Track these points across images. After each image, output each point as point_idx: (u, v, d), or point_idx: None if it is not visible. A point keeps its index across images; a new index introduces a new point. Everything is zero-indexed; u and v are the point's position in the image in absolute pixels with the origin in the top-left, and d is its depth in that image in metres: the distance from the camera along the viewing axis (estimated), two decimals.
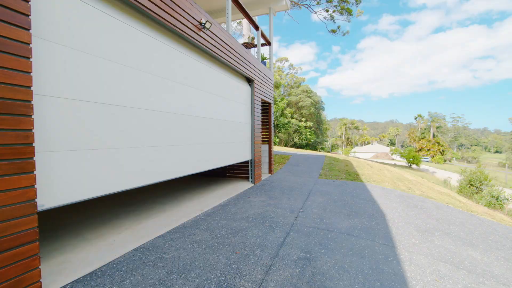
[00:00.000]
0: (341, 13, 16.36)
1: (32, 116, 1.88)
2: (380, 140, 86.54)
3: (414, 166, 29.12)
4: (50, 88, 2.12)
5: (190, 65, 4.13)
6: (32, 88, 1.89)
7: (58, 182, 2.19)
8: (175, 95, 3.75)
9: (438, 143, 53.81)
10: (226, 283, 2.21)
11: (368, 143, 72.99)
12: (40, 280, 1.95)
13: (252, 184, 6.53)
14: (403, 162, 32.52)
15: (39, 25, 2.03)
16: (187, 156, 4.03)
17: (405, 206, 4.93)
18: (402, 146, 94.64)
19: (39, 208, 1.99)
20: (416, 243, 3.21)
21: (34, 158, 1.89)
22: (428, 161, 49.87)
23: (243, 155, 6.30)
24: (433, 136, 61.48)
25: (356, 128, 74.68)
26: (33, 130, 1.89)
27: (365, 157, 49.60)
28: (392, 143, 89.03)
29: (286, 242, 3.06)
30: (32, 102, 1.88)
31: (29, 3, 1.88)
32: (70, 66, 2.30)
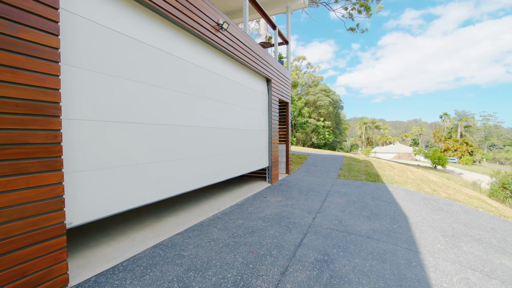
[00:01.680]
0: (360, 12, 15.87)
1: (60, 117, 1.98)
2: (403, 140, 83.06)
3: (439, 167, 27.66)
4: (74, 111, 2.26)
5: (207, 76, 4.20)
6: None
7: (84, 200, 2.34)
8: (191, 108, 3.83)
9: (466, 143, 50.73)
10: (242, 283, 2.21)
11: (390, 143, 70.25)
12: (67, 272, 2.06)
13: (269, 184, 6.51)
14: (427, 163, 30.95)
15: (63, 53, 2.15)
16: (204, 168, 4.14)
17: (430, 209, 4.69)
18: (426, 146, 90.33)
19: (68, 226, 2.14)
20: (442, 249, 3.04)
21: (62, 157, 2.00)
22: (455, 162, 47.19)
23: (260, 162, 6.31)
24: (461, 135, 58.07)
25: (377, 127, 72.13)
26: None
27: (387, 157, 47.83)
28: (415, 143, 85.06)
29: (303, 243, 3.02)
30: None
31: (58, 10, 1.99)
32: (90, 89, 2.41)
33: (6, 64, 1.68)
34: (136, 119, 2.90)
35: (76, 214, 2.26)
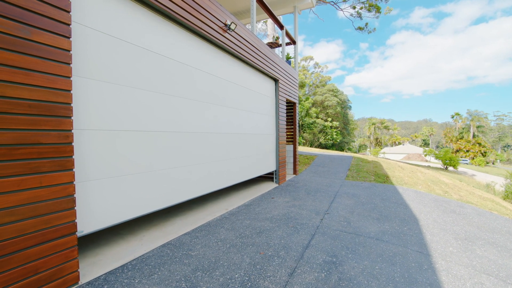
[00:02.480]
0: (369, 10, 15.66)
1: (72, 118, 2.02)
2: (412, 140, 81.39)
3: (451, 168, 26.98)
4: (86, 122, 2.31)
5: (215, 82, 4.24)
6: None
7: (96, 208, 2.39)
8: (200, 115, 3.87)
9: (479, 144, 49.34)
10: (250, 283, 2.20)
11: (399, 143, 69.00)
12: (78, 270, 2.09)
13: (277, 185, 6.49)
14: (438, 164, 30.25)
15: (75, 65, 2.20)
16: (212, 174, 4.17)
17: (441, 211, 4.58)
18: (437, 147, 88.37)
19: (79, 234, 2.19)
20: (454, 252, 2.96)
21: (73, 157, 2.04)
22: (467, 163, 45.98)
23: (267, 166, 6.30)
24: (473, 136, 56.57)
25: (386, 127, 70.99)
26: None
27: (396, 158, 47.02)
28: (425, 144, 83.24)
29: (311, 245, 2.99)
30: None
31: (70, 13, 2.03)
32: (100, 98, 2.45)
33: (20, 66, 1.72)
34: (147, 127, 2.96)
35: (88, 222, 2.31)
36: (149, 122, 3.00)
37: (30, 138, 1.78)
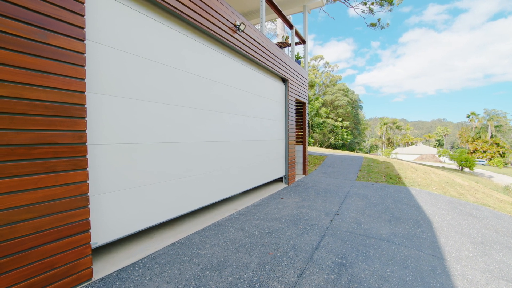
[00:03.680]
0: (381, 5, 15.35)
1: (85, 118, 2.08)
2: (426, 140, 79.11)
3: (466, 169, 26.08)
4: (100, 135, 2.38)
5: (226, 91, 4.28)
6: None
7: (109, 220, 2.47)
8: (210, 123, 3.92)
9: (497, 144, 47.45)
10: (258, 284, 2.20)
11: (412, 143, 67.24)
12: (92, 266, 2.15)
13: (286, 185, 6.46)
14: (453, 165, 29.29)
15: (90, 83, 2.27)
16: (223, 181, 4.22)
17: (456, 214, 4.44)
18: (452, 147, 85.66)
19: (93, 246, 2.26)
20: (470, 256, 2.86)
21: (87, 156, 2.10)
22: (484, 164, 44.34)
23: (277, 172, 6.28)
24: (491, 136, 54.49)
25: (398, 127, 69.35)
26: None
27: (408, 159, 45.88)
28: (439, 144, 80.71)
29: (321, 246, 2.96)
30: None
31: (84, 17, 2.09)
32: (112, 112, 2.51)
33: (37, 69, 1.79)
34: (159, 139, 3.04)
35: (102, 233, 2.39)
36: (162, 133, 3.08)
37: (46, 138, 1.84)
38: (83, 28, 2.07)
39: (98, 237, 2.34)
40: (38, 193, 1.80)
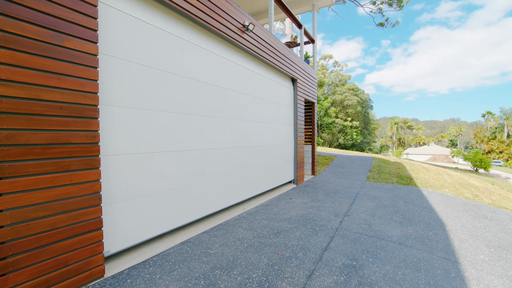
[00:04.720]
0: (390, 4, 15.04)
1: (98, 119, 2.13)
2: (438, 140, 77.01)
3: (481, 170, 25.23)
4: (112, 146, 2.43)
5: (238, 98, 4.33)
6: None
7: (121, 229, 2.52)
8: (222, 130, 3.96)
9: None
10: (267, 284, 2.20)
11: (424, 144, 65.63)
12: (104, 263, 2.20)
13: (295, 185, 6.43)
14: (467, 166, 28.41)
15: (102, 95, 2.31)
16: (234, 187, 4.26)
17: (471, 216, 4.31)
18: (466, 147, 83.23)
19: (106, 254, 2.31)
20: (486, 260, 2.77)
21: (100, 156, 2.15)
22: (500, 165, 42.85)
23: (286, 175, 6.25)
24: (508, 136, 52.62)
25: (409, 127, 67.78)
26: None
27: (420, 159, 44.83)
28: (453, 144, 78.40)
29: (330, 247, 2.93)
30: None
31: (97, 20, 2.14)
32: (125, 123, 2.57)
33: (53, 71, 1.84)
34: (172, 147, 3.10)
35: (114, 242, 2.44)
36: (174, 142, 3.14)
37: (61, 138, 1.90)
38: (96, 30, 2.12)
39: (111, 246, 2.39)
40: (53, 191, 1.85)
